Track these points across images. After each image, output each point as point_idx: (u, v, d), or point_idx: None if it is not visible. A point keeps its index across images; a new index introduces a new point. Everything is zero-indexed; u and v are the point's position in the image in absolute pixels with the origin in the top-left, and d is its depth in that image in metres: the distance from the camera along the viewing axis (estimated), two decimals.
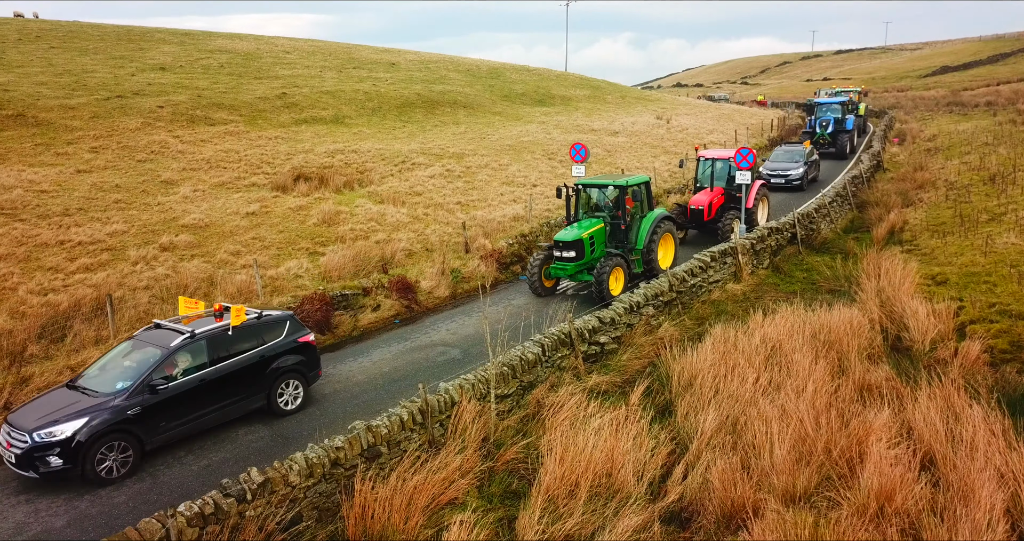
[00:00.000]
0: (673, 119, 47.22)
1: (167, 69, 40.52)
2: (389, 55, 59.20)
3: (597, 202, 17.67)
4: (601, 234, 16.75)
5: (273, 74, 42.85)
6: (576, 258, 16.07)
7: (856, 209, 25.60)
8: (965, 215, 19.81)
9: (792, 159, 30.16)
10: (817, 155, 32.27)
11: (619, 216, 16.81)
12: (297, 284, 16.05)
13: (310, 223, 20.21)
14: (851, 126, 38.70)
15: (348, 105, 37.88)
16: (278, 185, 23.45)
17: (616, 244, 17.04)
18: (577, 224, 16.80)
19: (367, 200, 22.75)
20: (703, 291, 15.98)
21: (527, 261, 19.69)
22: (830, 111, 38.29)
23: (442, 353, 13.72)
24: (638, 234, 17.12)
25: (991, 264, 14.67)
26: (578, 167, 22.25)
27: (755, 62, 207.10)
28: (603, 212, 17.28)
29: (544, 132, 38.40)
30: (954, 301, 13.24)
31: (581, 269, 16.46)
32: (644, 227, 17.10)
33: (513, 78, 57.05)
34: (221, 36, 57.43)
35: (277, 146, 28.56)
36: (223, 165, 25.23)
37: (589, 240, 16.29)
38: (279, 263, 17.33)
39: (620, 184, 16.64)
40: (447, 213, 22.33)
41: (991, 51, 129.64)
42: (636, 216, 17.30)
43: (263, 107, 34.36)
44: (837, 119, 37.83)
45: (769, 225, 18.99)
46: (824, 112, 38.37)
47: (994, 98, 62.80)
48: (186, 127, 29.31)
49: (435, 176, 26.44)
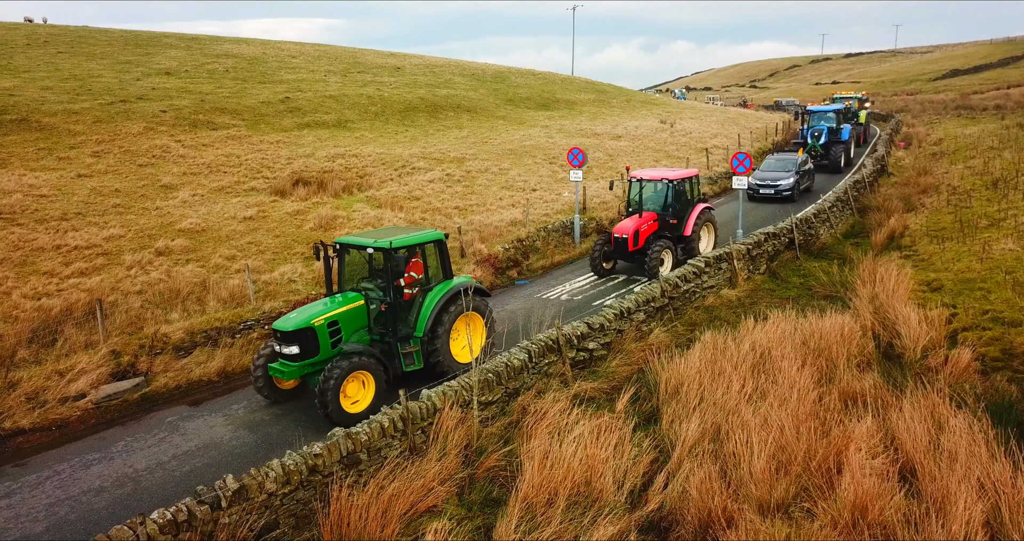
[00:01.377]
0: (677, 123, 47.14)
1: (172, 74, 40.80)
2: (394, 59, 59.40)
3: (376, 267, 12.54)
4: (356, 317, 11.82)
5: (277, 78, 43.07)
6: (301, 355, 11.13)
7: (857, 213, 25.44)
8: (965, 220, 19.63)
9: (784, 168, 29.05)
10: (812, 164, 31.17)
11: (397, 286, 11.88)
12: (290, 289, 16.08)
13: (307, 228, 20.26)
14: (847, 136, 36.34)
15: (351, 109, 38.01)
16: (277, 190, 23.53)
17: (384, 329, 12.02)
18: (325, 300, 11.95)
19: (365, 205, 22.79)
20: (697, 297, 15.90)
21: (523, 265, 19.67)
22: (823, 120, 36.17)
23: None
24: (418, 316, 12.20)
25: (987, 270, 14.53)
26: (576, 172, 22.23)
27: (764, 65, 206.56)
28: None
29: (547, 136, 38.40)
30: (947, 308, 13.11)
31: (314, 370, 11.48)
32: (428, 305, 12.18)
33: (518, 82, 57.12)
34: (228, 41, 57.79)
35: (278, 151, 28.68)
36: (223, 170, 25.34)
37: (327, 328, 11.34)
38: (274, 268, 17.37)
39: (382, 246, 11.41)
40: (445, 218, 22.33)
41: (1002, 54, 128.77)
42: (424, 287, 12.50)
43: (266, 112, 34.53)
44: (831, 129, 35.70)
45: (766, 230, 18.88)
46: (817, 121, 36.30)
47: (1003, 101, 62.34)
48: (188, 132, 29.48)
49: (435, 180, 26.47)
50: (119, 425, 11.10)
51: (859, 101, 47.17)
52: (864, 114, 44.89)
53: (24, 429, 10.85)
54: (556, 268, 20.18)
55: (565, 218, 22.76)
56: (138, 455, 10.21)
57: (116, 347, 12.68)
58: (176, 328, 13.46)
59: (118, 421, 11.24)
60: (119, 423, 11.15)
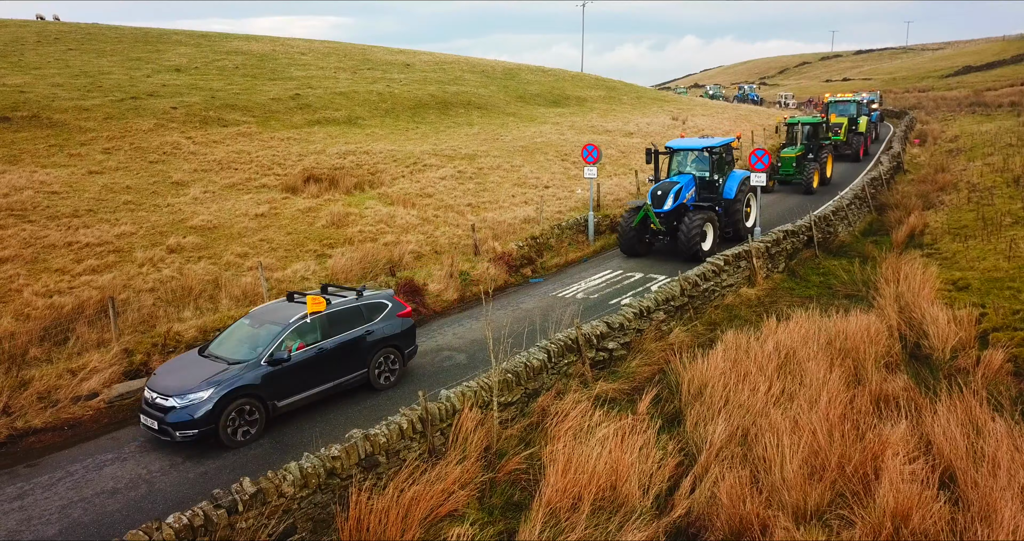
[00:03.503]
0: (689, 119, 46.76)
1: (182, 70, 40.70)
2: (404, 56, 59.19)
3: None
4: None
5: (287, 75, 42.93)
6: None
7: (875, 211, 25.07)
8: (988, 218, 19.27)
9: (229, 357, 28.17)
10: None
11: None
12: (303, 286, 15.88)
13: (319, 225, 20.07)
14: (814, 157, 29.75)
15: (361, 106, 37.82)
16: (288, 186, 23.36)
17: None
18: None
19: (377, 202, 22.59)
20: (716, 295, 15.62)
21: (537, 263, 19.42)
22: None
23: (448, 358, 13.48)
24: None
25: (1015, 269, 14.19)
26: (591, 168, 21.96)
27: (774, 62, 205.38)
28: None
29: (558, 133, 38.12)
30: (976, 307, 12.80)
31: None
32: None
33: (528, 79, 56.82)
34: (237, 38, 57.71)
35: (289, 147, 28.51)
36: (234, 166, 25.19)
37: None
38: (286, 265, 17.18)
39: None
40: (457, 215, 22.11)
41: (1015, 50, 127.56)
42: None
43: (276, 108, 34.38)
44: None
45: (784, 228, 18.56)
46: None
47: (1018, 98, 61.66)
48: (199, 128, 29.35)
49: (446, 177, 26.25)
50: (132, 425, 10.91)
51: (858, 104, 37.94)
52: (865, 121, 37.63)
53: (36, 429, 10.68)
54: (571, 266, 19.93)
55: (579, 215, 22.49)
56: (151, 456, 10.03)
57: (128, 345, 12.51)
58: (189, 326, 13.28)
59: (131, 421, 11.05)
60: (132, 423, 10.97)
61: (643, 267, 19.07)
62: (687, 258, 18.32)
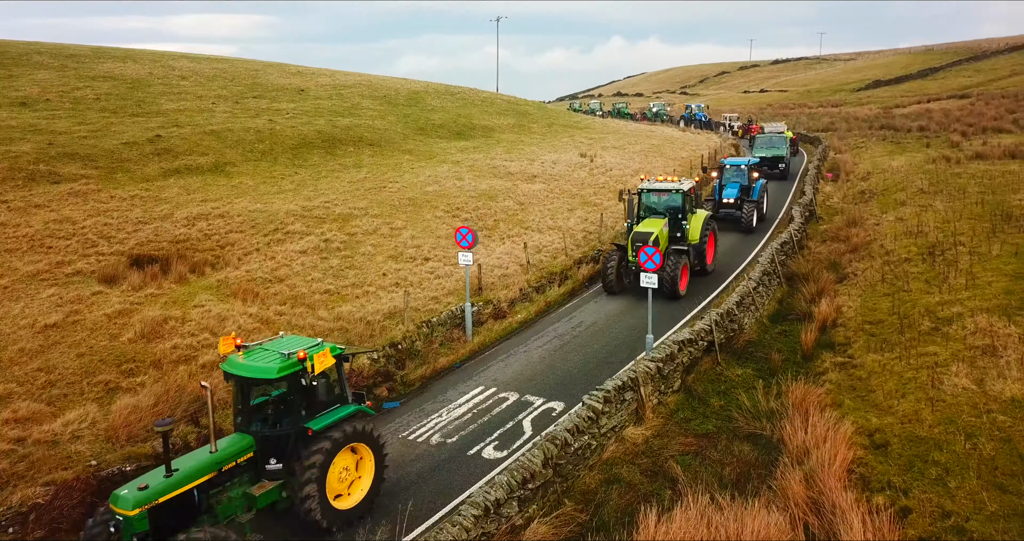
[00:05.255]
0: (598, 156, 44.28)
1: (29, 104, 35.79)
2: (300, 78, 55.06)
3: None
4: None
5: (154, 109, 38.39)
6: None
7: (786, 282, 22.96)
8: (904, 314, 17.17)
9: None
10: None
11: None
12: (65, 453, 12.22)
13: (125, 338, 16.30)
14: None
15: (233, 148, 33.78)
16: (107, 275, 19.40)
17: None
18: None
19: (212, 295, 18.92)
20: (593, 450, 12.75)
21: (397, 378, 16.21)
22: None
23: None
24: None
25: (940, 424, 11.83)
26: (465, 254, 18.92)
27: (694, 71, 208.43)
28: None
29: (455, 177, 34.97)
30: (896, 493, 10.32)
31: None
32: None
33: (432, 105, 53.55)
34: (113, 57, 52.38)
35: (129, 211, 24.43)
36: (48, 244, 21.04)
37: None
38: (59, 412, 13.42)
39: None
40: (307, 310, 18.67)
41: (920, 64, 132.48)
42: None
43: (128, 155, 30.04)
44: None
45: (682, 337, 15.93)
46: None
47: (926, 122, 62.12)
48: (21, 187, 24.95)
49: (308, 251, 22.74)
50: None
51: (685, 194, 24.62)
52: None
53: None
54: (438, 378, 16.86)
55: (457, 305, 19.44)
56: None
57: None
58: None
59: None
60: None
61: (519, 385, 16.14)
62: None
